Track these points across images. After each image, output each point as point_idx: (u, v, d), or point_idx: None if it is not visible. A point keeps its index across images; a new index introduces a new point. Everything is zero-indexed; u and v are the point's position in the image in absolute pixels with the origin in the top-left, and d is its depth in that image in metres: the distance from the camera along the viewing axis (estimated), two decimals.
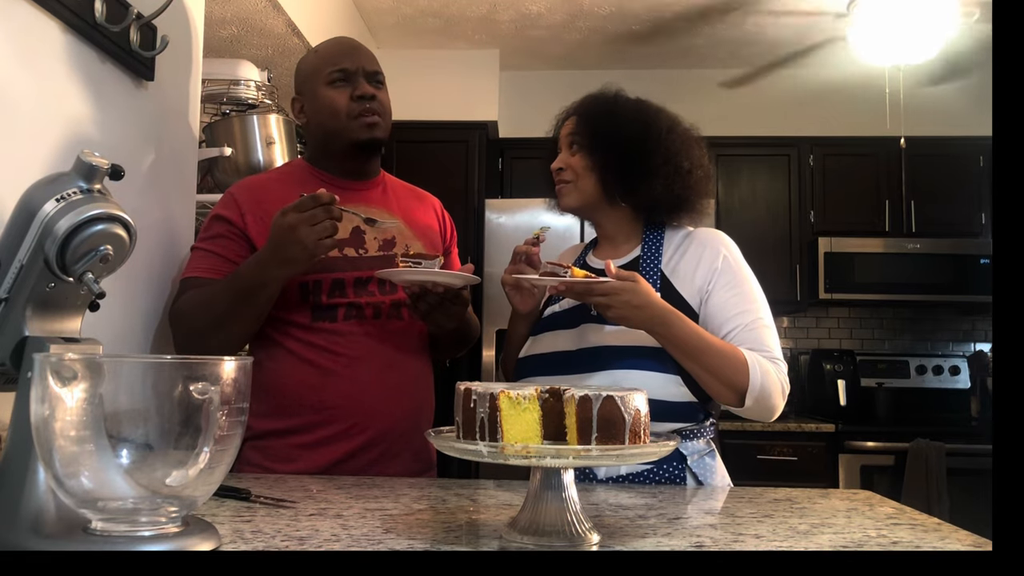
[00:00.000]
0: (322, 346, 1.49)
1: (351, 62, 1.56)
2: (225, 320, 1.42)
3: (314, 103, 1.57)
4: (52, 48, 1.24)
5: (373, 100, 1.55)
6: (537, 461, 0.89)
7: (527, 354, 1.51)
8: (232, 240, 1.50)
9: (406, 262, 1.38)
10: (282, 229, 1.30)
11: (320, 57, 1.59)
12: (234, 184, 1.61)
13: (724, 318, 1.39)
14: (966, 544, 0.97)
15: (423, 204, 1.72)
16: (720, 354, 1.32)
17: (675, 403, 1.37)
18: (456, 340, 1.67)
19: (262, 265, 1.36)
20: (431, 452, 1.60)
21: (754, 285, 1.45)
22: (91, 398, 0.77)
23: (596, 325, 1.41)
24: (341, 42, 1.63)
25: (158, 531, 0.81)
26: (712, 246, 1.46)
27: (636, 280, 1.28)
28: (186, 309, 1.45)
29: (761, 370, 1.32)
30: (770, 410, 1.36)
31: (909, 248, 3.87)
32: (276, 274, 1.36)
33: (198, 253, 1.52)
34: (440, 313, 1.46)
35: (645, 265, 1.46)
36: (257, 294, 1.39)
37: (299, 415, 1.47)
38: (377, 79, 1.59)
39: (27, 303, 0.90)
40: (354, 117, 1.53)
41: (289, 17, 2.80)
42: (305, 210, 1.28)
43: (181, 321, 1.47)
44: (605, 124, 1.48)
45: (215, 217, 1.53)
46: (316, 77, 1.57)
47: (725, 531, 1.02)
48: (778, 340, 1.42)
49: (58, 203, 0.88)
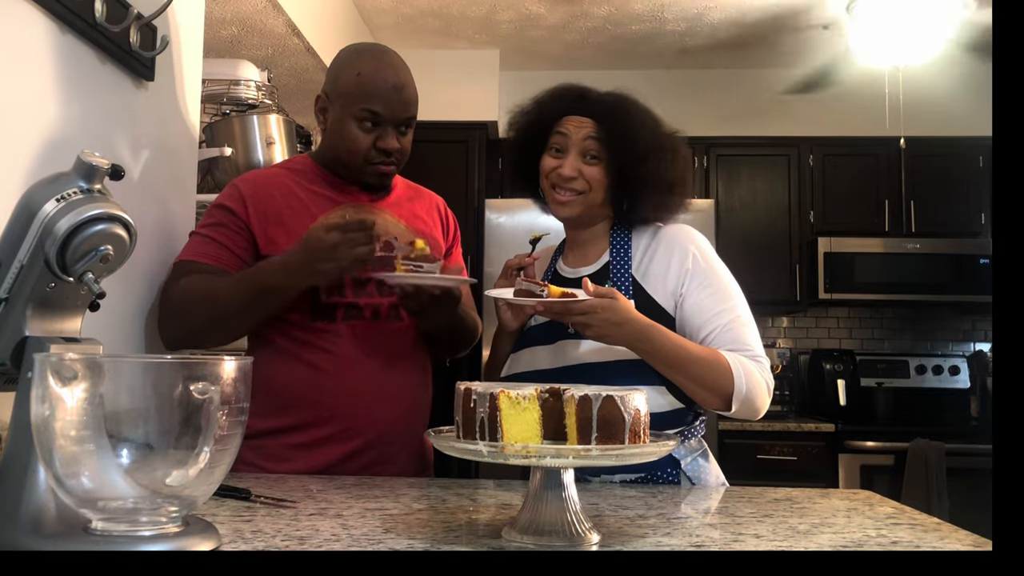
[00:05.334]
0: (319, 346, 1.49)
1: (386, 109, 1.49)
2: (230, 317, 1.42)
3: (337, 126, 1.52)
4: (52, 48, 1.24)
5: (394, 153, 1.53)
6: (537, 461, 0.89)
7: (508, 373, 1.49)
8: (233, 231, 1.49)
9: (407, 265, 1.39)
10: (321, 244, 1.31)
11: (359, 86, 1.49)
12: (239, 176, 1.61)
13: (702, 320, 1.37)
14: (966, 544, 0.97)
15: (426, 205, 1.71)
16: (703, 362, 1.30)
17: (663, 413, 1.36)
18: (454, 338, 1.66)
19: (289, 271, 1.36)
20: (428, 454, 1.60)
21: (728, 280, 1.42)
22: (91, 398, 0.77)
23: (573, 341, 1.39)
24: (386, 76, 1.50)
25: (158, 531, 0.81)
26: (681, 246, 1.43)
27: (615, 297, 1.25)
28: (185, 297, 1.43)
29: (745, 372, 1.31)
30: (756, 410, 1.35)
31: (909, 248, 3.87)
32: (301, 282, 1.39)
33: (197, 238, 1.51)
34: (432, 311, 1.46)
35: (615, 272, 1.43)
36: (274, 297, 1.40)
37: (293, 413, 1.47)
38: (406, 126, 1.54)
39: (27, 303, 0.90)
40: (370, 162, 1.52)
41: (289, 17, 2.80)
42: (348, 231, 1.30)
43: (178, 308, 1.45)
44: (626, 137, 1.41)
45: (218, 206, 1.53)
46: (347, 103, 1.50)
47: (725, 531, 1.03)
48: (758, 335, 1.40)
49: (58, 203, 0.88)
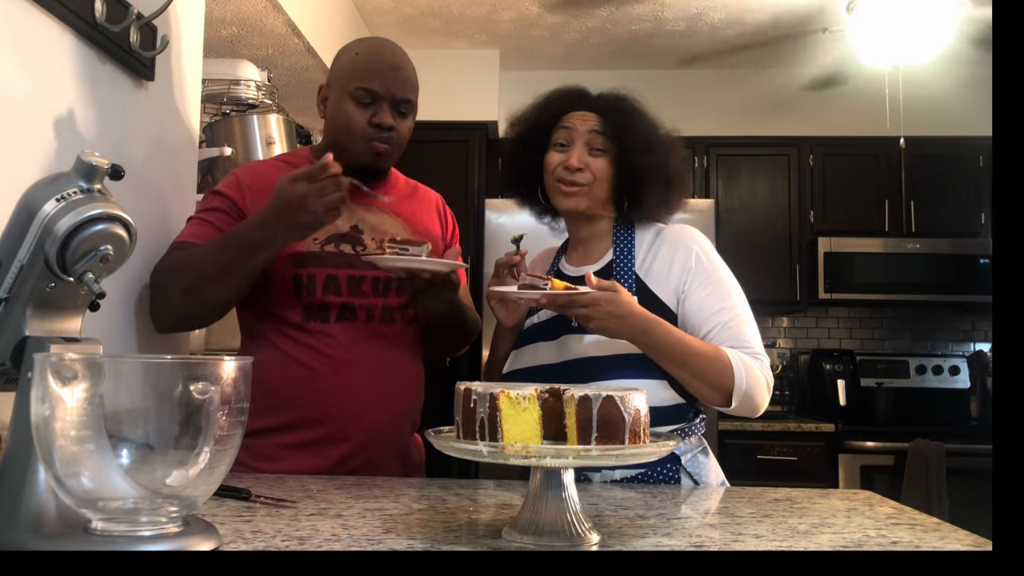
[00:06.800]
0: (312, 346, 1.49)
1: (381, 85, 1.49)
2: (220, 277, 1.39)
3: (334, 108, 1.53)
4: (52, 48, 1.24)
5: (390, 131, 1.52)
6: (537, 461, 0.89)
7: (511, 369, 1.49)
8: (229, 215, 1.50)
9: (393, 248, 1.38)
10: (291, 197, 1.30)
11: (355, 64, 1.51)
12: (239, 166, 1.61)
13: (703, 318, 1.38)
14: (966, 544, 0.97)
15: (424, 202, 1.71)
16: (704, 357, 1.31)
17: (665, 407, 1.37)
18: (454, 332, 1.65)
19: (266, 226, 1.34)
20: (420, 455, 1.60)
21: (729, 280, 1.43)
22: (91, 398, 0.77)
23: (577, 336, 1.40)
24: (383, 55, 1.52)
25: (158, 531, 0.81)
26: (684, 245, 1.44)
27: (617, 290, 1.26)
28: (175, 265, 1.43)
29: (745, 368, 1.32)
30: (756, 407, 1.35)
31: (909, 248, 3.87)
32: (281, 236, 1.36)
33: (194, 222, 1.52)
34: (429, 296, 1.45)
35: (619, 269, 1.44)
36: (256, 254, 1.37)
37: (285, 413, 1.47)
38: (404, 107, 1.53)
39: (27, 303, 0.90)
40: (366, 140, 1.51)
41: (289, 17, 2.80)
42: (315, 180, 1.29)
43: (168, 276, 1.43)
44: (630, 130, 1.44)
45: (216, 192, 1.54)
46: (344, 83, 1.50)
47: (725, 531, 1.03)
48: (758, 333, 1.41)
49: (58, 203, 0.88)
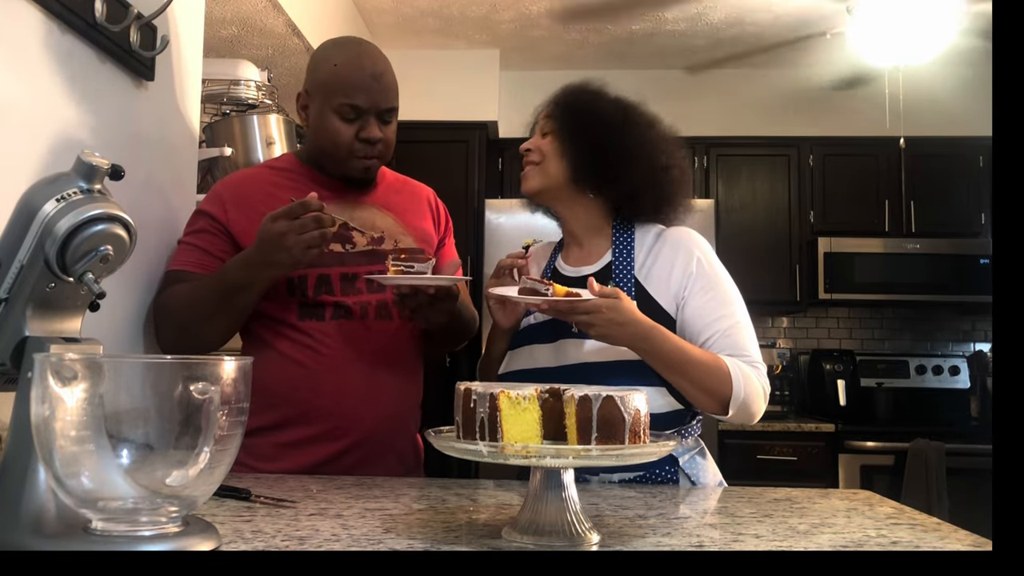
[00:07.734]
0: (308, 345, 1.49)
1: (366, 100, 1.48)
2: (212, 316, 1.43)
3: (318, 121, 1.52)
4: (52, 48, 1.24)
5: (378, 143, 1.52)
6: (537, 461, 0.89)
7: (507, 370, 1.49)
8: (214, 235, 1.51)
9: (397, 265, 1.37)
10: (270, 235, 1.31)
11: (337, 78, 1.49)
12: (221, 180, 1.60)
13: (702, 324, 1.38)
14: (966, 544, 0.97)
15: (416, 198, 1.70)
16: (703, 366, 1.31)
17: (663, 414, 1.37)
18: (453, 332, 1.64)
19: (249, 266, 1.37)
20: (418, 453, 1.60)
21: (729, 286, 1.43)
22: (91, 398, 0.77)
23: (576, 340, 1.39)
24: (363, 65, 1.51)
25: (158, 531, 0.81)
26: (685, 249, 1.44)
27: (619, 297, 1.25)
28: (172, 304, 1.47)
29: (743, 377, 1.32)
30: (752, 416, 1.35)
31: (909, 248, 3.87)
32: (261, 276, 1.39)
33: (182, 247, 1.53)
34: (430, 310, 1.45)
35: (618, 272, 1.44)
36: (241, 294, 1.41)
37: (282, 411, 1.47)
38: (389, 116, 1.53)
39: (27, 303, 0.90)
40: (354, 155, 1.51)
41: (289, 17, 2.80)
42: (294, 217, 1.30)
43: (166, 315, 1.48)
44: (580, 110, 1.47)
45: (199, 212, 1.54)
46: (326, 97, 1.49)
47: (725, 531, 1.03)
48: (756, 341, 1.41)
49: (58, 203, 0.88)
